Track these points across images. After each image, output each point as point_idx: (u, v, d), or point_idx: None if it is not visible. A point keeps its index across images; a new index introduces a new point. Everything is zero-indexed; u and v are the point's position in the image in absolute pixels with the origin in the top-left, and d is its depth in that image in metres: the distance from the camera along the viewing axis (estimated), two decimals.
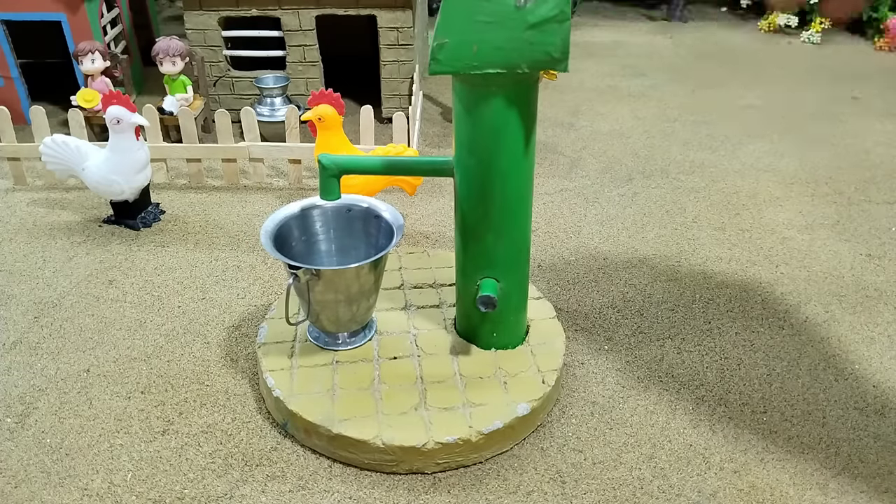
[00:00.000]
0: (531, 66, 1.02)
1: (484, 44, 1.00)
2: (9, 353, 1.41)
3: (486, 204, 1.17)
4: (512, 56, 1.01)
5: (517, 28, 0.99)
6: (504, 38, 1.00)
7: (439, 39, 1.01)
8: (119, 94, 1.76)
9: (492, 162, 1.13)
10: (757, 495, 1.13)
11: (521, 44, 1.00)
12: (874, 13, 3.52)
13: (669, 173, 2.19)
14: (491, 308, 1.20)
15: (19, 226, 1.86)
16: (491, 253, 1.21)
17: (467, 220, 1.20)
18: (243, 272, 1.67)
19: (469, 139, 1.13)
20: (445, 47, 1.02)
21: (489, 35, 1.00)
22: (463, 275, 1.27)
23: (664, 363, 1.41)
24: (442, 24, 1.01)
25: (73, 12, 2.31)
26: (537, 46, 1.00)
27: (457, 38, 1.01)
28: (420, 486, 1.14)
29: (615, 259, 1.74)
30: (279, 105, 2.36)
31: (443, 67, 1.03)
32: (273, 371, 1.25)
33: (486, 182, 1.15)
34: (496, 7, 0.98)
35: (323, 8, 2.32)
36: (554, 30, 0.99)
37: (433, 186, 2.06)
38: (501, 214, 1.18)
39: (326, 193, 1.23)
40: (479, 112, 1.09)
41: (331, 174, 1.21)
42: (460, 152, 1.16)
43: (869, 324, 1.53)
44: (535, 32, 0.99)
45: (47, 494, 1.12)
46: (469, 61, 1.02)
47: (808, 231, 1.88)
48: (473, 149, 1.13)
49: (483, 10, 0.99)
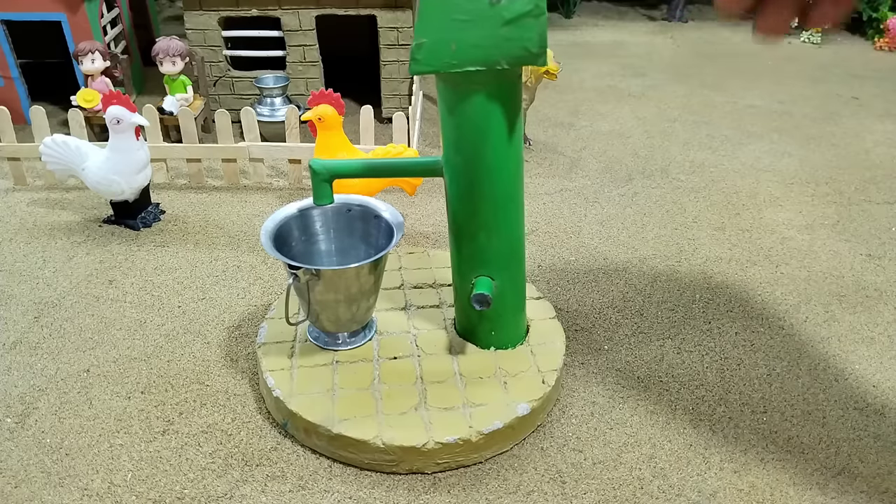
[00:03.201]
0: (510, 63, 1.02)
1: (462, 42, 1.00)
2: (9, 353, 1.41)
3: (475, 201, 1.17)
4: (490, 53, 1.01)
5: (493, 25, 0.99)
6: (481, 36, 1.00)
7: (418, 39, 1.02)
8: (119, 94, 1.76)
9: (478, 159, 1.13)
10: (757, 495, 1.13)
11: (499, 40, 1.00)
12: (874, 13, 3.52)
13: (669, 173, 2.19)
14: (486, 306, 1.20)
15: (19, 226, 1.86)
16: (484, 251, 1.21)
17: (458, 218, 1.21)
18: (243, 272, 1.67)
19: (455, 137, 1.13)
20: (424, 47, 1.02)
21: (466, 33, 1.00)
22: (458, 274, 1.27)
23: (664, 363, 1.41)
24: (420, 23, 1.01)
25: (73, 12, 2.31)
26: (514, 42, 1.00)
27: (434, 36, 1.01)
28: (420, 486, 1.14)
29: (615, 259, 1.74)
30: (279, 105, 2.36)
31: (422, 67, 1.03)
32: (273, 371, 1.25)
33: (474, 179, 1.15)
34: (471, 5, 0.99)
35: (323, 8, 2.32)
36: (530, 25, 0.99)
37: (433, 186, 2.06)
38: (491, 211, 1.18)
39: (319, 198, 1.24)
40: (462, 110, 1.09)
41: (322, 179, 1.22)
42: (448, 151, 1.16)
43: (869, 324, 1.53)
44: (511, 28, 0.99)
45: (47, 494, 1.12)
46: (448, 60, 1.02)
47: (808, 231, 1.88)
48: (459, 147, 1.13)
49: (459, 9, 0.99)
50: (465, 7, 0.99)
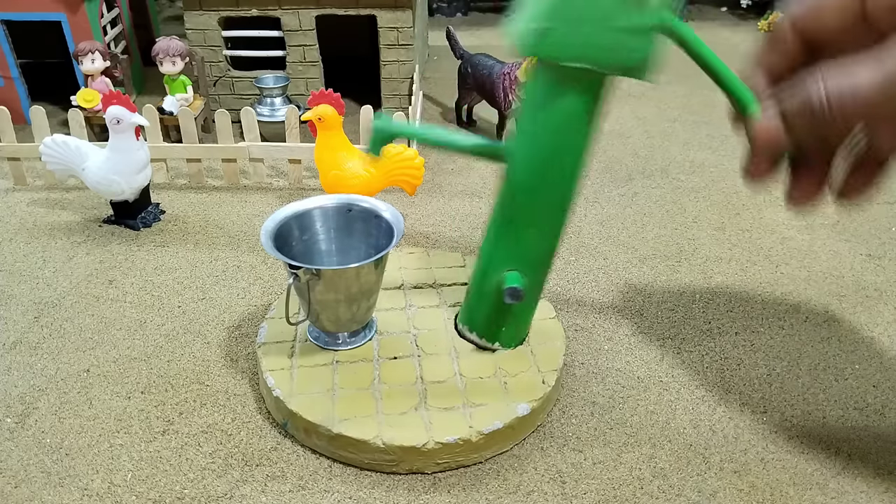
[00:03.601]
0: (617, 69, 1.02)
1: (582, 37, 1.00)
2: (9, 353, 1.41)
3: (536, 198, 1.16)
4: (603, 55, 1.01)
5: (614, 29, 0.99)
6: (600, 36, 0.99)
7: (539, 23, 1.00)
8: (119, 94, 1.76)
9: (553, 157, 1.12)
10: (757, 495, 1.13)
11: (615, 45, 1.00)
12: None
13: (669, 173, 2.19)
14: (518, 300, 1.20)
15: (19, 226, 1.86)
16: (527, 248, 1.21)
17: (511, 210, 1.19)
18: (243, 272, 1.67)
19: (535, 131, 1.11)
20: (542, 33, 1.00)
21: (588, 30, 0.99)
22: (490, 264, 1.25)
23: (664, 363, 1.41)
24: (547, 9, 0.99)
25: (73, 12, 2.31)
26: (628, 51, 1.00)
27: (557, 24, 0.99)
28: (420, 486, 1.14)
29: (615, 259, 1.74)
30: (279, 105, 2.36)
31: (535, 52, 1.02)
32: (273, 371, 1.25)
33: (543, 176, 1.14)
34: (604, 3, 0.98)
35: (323, 8, 2.32)
36: (648, 39, 1.00)
37: (433, 186, 2.06)
38: (549, 211, 1.17)
39: (374, 149, 1.23)
40: (553, 105, 1.08)
41: (381, 137, 1.20)
42: (522, 141, 1.14)
43: (869, 324, 1.53)
44: (630, 37, 0.99)
45: (47, 494, 1.12)
46: (562, 52, 1.01)
47: (808, 231, 1.88)
48: (537, 141, 1.12)
49: (591, 4, 0.98)
50: (597, 3, 0.98)
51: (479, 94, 2.35)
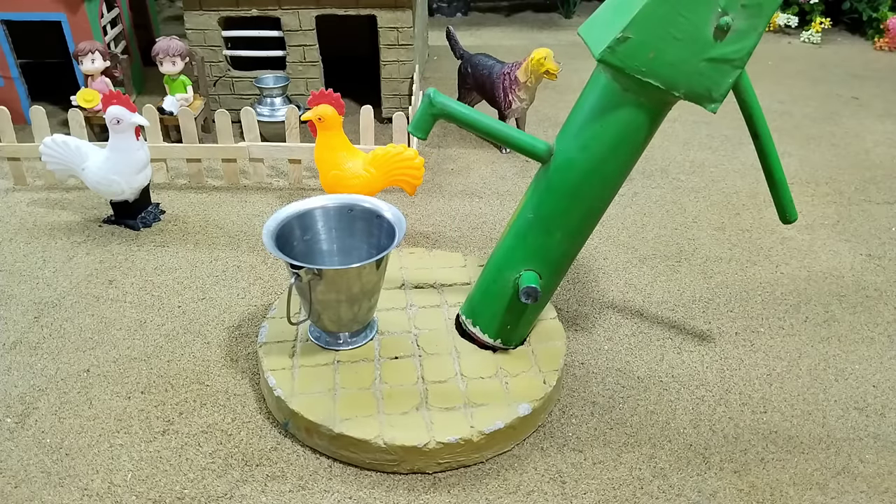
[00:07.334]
0: (688, 95, 1.03)
1: (661, 55, 1.01)
2: (9, 353, 1.41)
3: (573, 201, 1.16)
4: (678, 78, 1.02)
5: (699, 54, 1.00)
6: (681, 59, 1.01)
7: (626, 32, 1.01)
8: (119, 94, 1.76)
9: (602, 165, 1.12)
10: (757, 495, 1.13)
11: (692, 70, 1.01)
12: (874, 13, 3.52)
13: (669, 173, 2.19)
14: (534, 300, 1.21)
15: (19, 226, 1.85)
16: (550, 249, 1.21)
17: (543, 210, 1.19)
18: (243, 272, 1.67)
19: (587, 135, 1.12)
20: (627, 42, 1.01)
21: (670, 49, 1.00)
22: (508, 262, 1.25)
23: (664, 363, 1.41)
24: (636, 20, 1.00)
25: (73, 12, 2.31)
26: (705, 79, 1.01)
27: (642, 38, 1.00)
28: (420, 486, 1.14)
29: (615, 259, 1.75)
30: (279, 105, 2.36)
31: (614, 60, 1.03)
32: (274, 370, 1.25)
33: (585, 181, 1.14)
34: (692, 29, 0.99)
35: (323, 8, 2.32)
36: (727, 71, 1.01)
37: (433, 186, 2.06)
38: (582, 216, 1.18)
39: (416, 128, 1.19)
40: (614, 114, 1.09)
41: (432, 112, 1.18)
42: (569, 143, 1.14)
43: (869, 324, 1.53)
44: (711, 65, 1.01)
45: (47, 494, 1.12)
46: (639, 64, 1.02)
47: (808, 231, 1.88)
48: (588, 145, 1.12)
49: (678, 26, 0.99)
50: (685, 28, 0.99)
51: (479, 94, 2.35)
